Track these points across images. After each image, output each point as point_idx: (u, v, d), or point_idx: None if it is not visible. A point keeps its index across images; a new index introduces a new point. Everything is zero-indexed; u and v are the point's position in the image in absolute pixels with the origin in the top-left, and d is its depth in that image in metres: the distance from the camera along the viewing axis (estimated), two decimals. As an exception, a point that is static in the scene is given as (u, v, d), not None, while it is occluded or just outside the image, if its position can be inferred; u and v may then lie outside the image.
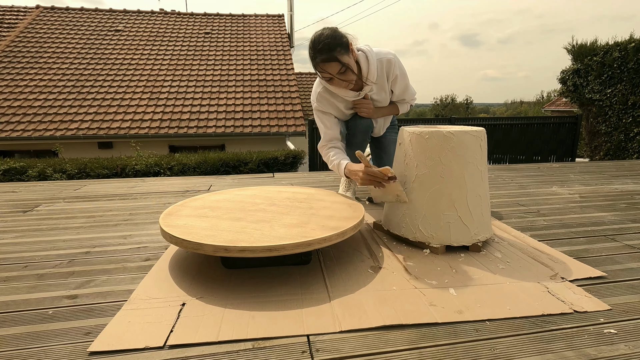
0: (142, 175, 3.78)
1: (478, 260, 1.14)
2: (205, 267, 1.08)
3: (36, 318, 0.84)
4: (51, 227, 1.49)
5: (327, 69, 1.36)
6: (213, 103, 7.08)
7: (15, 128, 5.97)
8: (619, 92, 5.53)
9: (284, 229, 1.04)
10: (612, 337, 0.76)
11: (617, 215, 1.60)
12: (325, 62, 1.35)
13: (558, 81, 6.49)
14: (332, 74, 1.38)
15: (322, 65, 1.36)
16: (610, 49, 5.60)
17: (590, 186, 2.19)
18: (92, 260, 1.16)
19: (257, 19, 10.37)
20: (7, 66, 7.28)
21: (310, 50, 1.38)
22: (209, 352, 0.72)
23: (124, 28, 9.14)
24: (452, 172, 1.17)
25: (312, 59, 1.39)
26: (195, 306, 0.87)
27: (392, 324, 0.80)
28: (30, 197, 2.03)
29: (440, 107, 36.72)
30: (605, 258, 1.16)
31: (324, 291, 0.94)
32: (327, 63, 1.35)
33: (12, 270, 1.09)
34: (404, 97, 1.68)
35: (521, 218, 1.58)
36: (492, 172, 2.66)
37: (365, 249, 1.22)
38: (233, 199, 1.39)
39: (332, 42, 1.32)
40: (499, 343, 0.75)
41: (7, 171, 3.64)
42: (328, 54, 1.33)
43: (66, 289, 0.97)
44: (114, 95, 6.96)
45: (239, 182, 2.40)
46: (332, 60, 1.34)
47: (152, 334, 0.77)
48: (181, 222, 1.11)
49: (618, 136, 5.68)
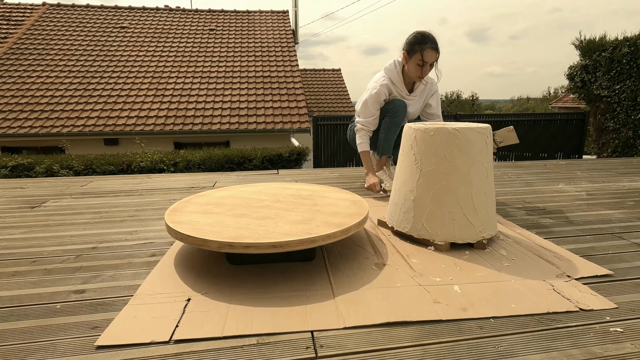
0: (148, 171, 3.80)
1: (483, 257, 1.13)
2: (210, 263, 1.09)
3: (44, 312, 0.85)
4: (58, 223, 1.50)
5: (428, 55, 1.74)
6: (218, 100, 7.09)
7: (22, 125, 6.03)
8: (628, 89, 5.45)
9: (289, 225, 1.05)
10: (619, 336, 0.76)
11: (624, 213, 1.58)
12: (431, 50, 1.73)
13: (566, 77, 6.40)
14: (428, 61, 1.75)
15: (428, 50, 1.73)
16: (619, 44, 5.51)
17: (597, 183, 2.17)
18: (99, 255, 1.17)
19: (262, 15, 10.34)
20: (15, 63, 7.34)
21: (420, 37, 1.75)
22: (214, 347, 0.73)
23: (130, 25, 9.16)
24: (458, 169, 1.16)
25: (419, 43, 1.75)
26: (201, 302, 0.88)
27: (396, 321, 0.80)
28: (38, 193, 2.05)
29: (446, 103, 36.46)
30: (612, 256, 1.15)
31: (328, 288, 0.95)
32: (432, 51, 1.74)
33: (21, 265, 1.11)
34: (437, 113, 2.04)
35: (527, 215, 1.56)
36: (497, 169, 2.65)
37: (370, 246, 1.22)
38: (238, 195, 1.40)
39: (435, 39, 1.76)
40: (503, 341, 0.74)
41: (15, 167, 3.68)
42: (436, 46, 1.75)
43: (73, 283, 0.99)
44: (119, 92, 7.00)
45: (244, 178, 2.40)
46: (436, 51, 1.75)
47: (158, 328, 0.78)
48: (186, 218, 1.11)
49: (626, 133, 5.61)
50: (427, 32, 1.76)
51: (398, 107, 1.88)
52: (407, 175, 1.26)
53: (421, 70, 1.78)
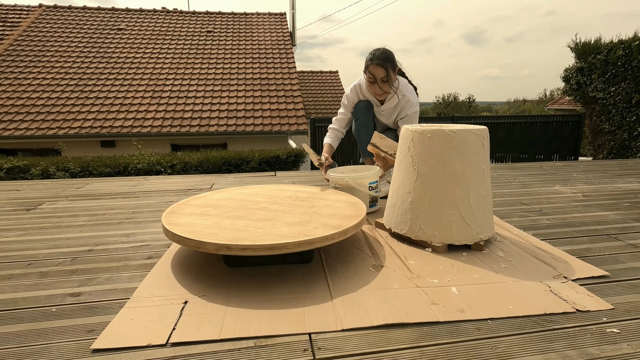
0: (144, 173, 3.79)
1: (480, 259, 1.13)
2: (208, 266, 1.08)
3: (39, 315, 0.84)
4: (54, 225, 1.49)
5: (375, 71, 1.78)
6: (215, 102, 7.09)
7: (18, 127, 6.00)
8: (623, 91, 5.49)
9: (286, 227, 1.04)
10: (615, 337, 0.76)
11: (620, 215, 1.59)
12: (376, 66, 1.76)
13: (561, 79, 6.45)
14: (376, 77, 1.78)
15: (373, 66, 1.77)
16: (614, 47, 5.56)
17: (593, 185, 2.18)
18: (95, 258, 1.17)
19: (259, 18, 10.36)
20: (11, 65, 7.30)
21: (369, 55, 1.81)
22: (211, 350, 0.72)
23: (127, 27, 9.15)
24: (455, 171, 1.17)
25: (368, 60, 1.80)
26: (198, 304, 0.88)
27: (394, 323, 0.80)
28: (34, 195, 2.04)
29: (443, 105, 36.57)
30: (608, 257, 1.15)
31: (325, 290, 0.95)
32: (377, 67, 1.76)
33: (16, 268, 1.10)
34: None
35: (524, 217, 1.57)
36: (494, 171, 2.66)
37: (367, 248, 1.22)
38: (235, 197, 1.39)
39: (387, 56, 1.77)
40: (501, 342, 0.74)
41: (11, 169, 3.66)
42: (381, 61, 1.75)
43: (69, 286, 0.98)
44: (116, 94, 6.97)
45: (241, 180, 2.40)
46: (381, 67, 1.76)
47: (155, 331, 0.77)
48: (183, 220, 1.11)
49: (622, 135, 5.65)
50: (381, 48, 1.79)
51: (359, 110, 1.99)
52: (404, 177, 1.26)
53: (373, 86, 1.83)
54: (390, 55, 1.80)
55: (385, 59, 1.76)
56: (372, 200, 1.59)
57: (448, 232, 1.18)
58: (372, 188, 1.55)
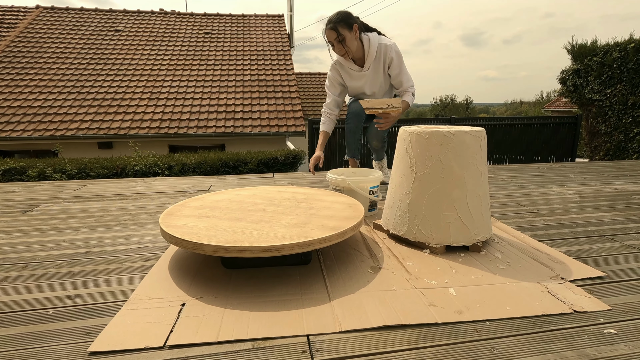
0: (142, 175, 3.78)
1: (478, 260, 1.14)
2: (205, 267, 1.08)
3: (36, 318, 0.84)
4: (51, 227, 1.49)
5: (327, 35, 1.82)
6: (213, 103, 7.08)
7: (15, 128, 5.97)
8: (619, 92, 5.53)
9: (284, 229, 1.04)
10: (612, 337, 0.76)
11: (617, 216, 1.60)
12: (328, 30, 1.80)
13: (558, 81, 6.49)
14: (331, 40, 1.82)
15: (326, 32, 1.82)
16: (610, 49, 5.59)
17: (590, 186, 2.19)
18: (92, 260, 1.16)
19: (257, 19, 10.37)
20: (7, 66, 7.27)
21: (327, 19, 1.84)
22: (209, 352, 0.72)
23: (124, 28, 9.13)
24: (452, 172, 1.17)
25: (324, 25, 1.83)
26: (195, 306, 0.87)
27: (392, 324, 0.80)
28: (30, 197, 2.03)
29: (440, 107, 36.69)
30: (605, 258, 1.16)
31: (324, 291, 0.94)
32: (329, 30, 1.80)
33: (12, 270, 1.09)
34: (401, 80, 1.92)
35: (521, 218, 1.58)
36: (492, 172, 2.66)
37: (365, 249, 1.22)
38: (233, 199, 1.39)
39: (338, 18, 1.79)
40: (499, 343, 0.75)
41: (7, 171, 3.64)
42: (331, 24, 1.79)
43: (66, 289, 0.97)
44: (113, 95, 6.96)
45: (239, 182, 2.40)
46: (331, 29, 1.79)
47: (152, 334, 0.77)
48: (181, 222, 1.11)
49: (618, 136, 5.68)
50: (335, 12, 1.82)
51: (350, 116, 2.00)
52: (402, 178, 1.27)
53: (335, 48, 1.85)
54: (342, 15, 1.79)
55: (335, 20, 1.78)
56: (371, 205, 1.59)
57: (446, 233, 1.18)
58: (372, 192, 1.56)
